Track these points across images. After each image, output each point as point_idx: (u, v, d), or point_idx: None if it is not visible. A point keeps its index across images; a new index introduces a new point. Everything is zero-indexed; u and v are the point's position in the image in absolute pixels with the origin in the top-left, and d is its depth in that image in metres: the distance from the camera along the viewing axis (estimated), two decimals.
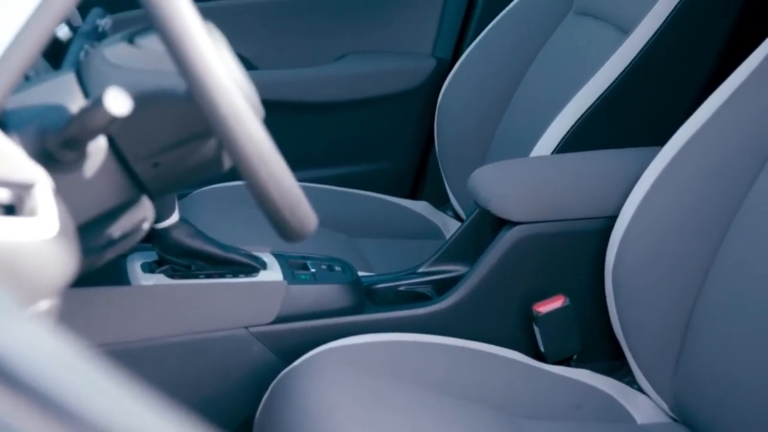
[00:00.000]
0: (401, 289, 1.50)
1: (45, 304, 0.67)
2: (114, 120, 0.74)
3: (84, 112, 0.75)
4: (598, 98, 1.64)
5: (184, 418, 0.41)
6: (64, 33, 1.29)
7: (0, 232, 0.64)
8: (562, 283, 1.43)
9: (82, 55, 1.11)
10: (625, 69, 1.63)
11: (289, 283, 1.34)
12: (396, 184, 2.26)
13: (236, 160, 0.76)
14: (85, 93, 0.85)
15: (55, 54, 1.24)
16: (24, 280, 0.65)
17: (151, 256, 1.31)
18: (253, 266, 1.33)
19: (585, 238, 1.41)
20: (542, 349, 1.41)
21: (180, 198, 1.88)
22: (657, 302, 1.27)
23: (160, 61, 0.83)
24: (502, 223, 1.42)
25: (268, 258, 1.37)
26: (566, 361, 1.43)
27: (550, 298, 1.41)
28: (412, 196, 2.27)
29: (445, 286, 1.46)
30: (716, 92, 1.29)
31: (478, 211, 1.48)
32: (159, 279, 1.28)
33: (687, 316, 1.26)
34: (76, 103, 0.83)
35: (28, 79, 0.91)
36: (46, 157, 0.78)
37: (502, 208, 1.40)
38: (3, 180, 0.67)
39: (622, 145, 1.53)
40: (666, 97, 1.71)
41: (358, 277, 1.43)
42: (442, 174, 2.01)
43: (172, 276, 1.29)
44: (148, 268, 1.30)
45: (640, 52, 1.63)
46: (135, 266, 1.30)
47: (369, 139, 2.25)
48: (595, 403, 1.31)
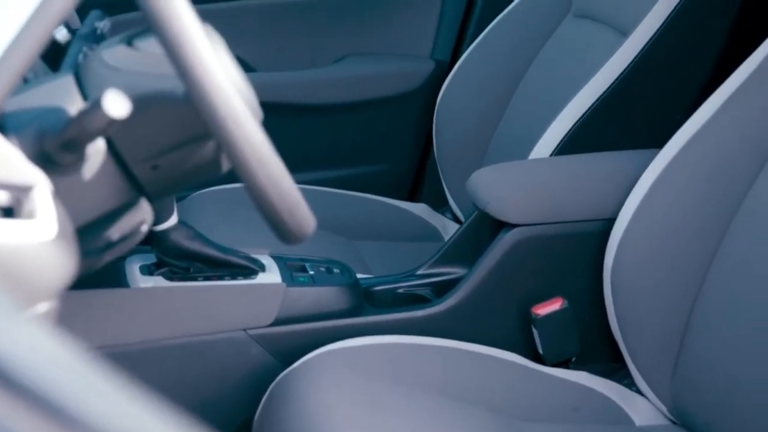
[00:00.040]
0: (400, 291, 1.50)
1: (44, 307, 0.67)
2: (112, 122, 0.74)
3: (82, 114, 0.75)
4: (596, 100, 1.64)
5: (183, 421, 0.41)
6: (62, 35, 1.29)
7: None
8: (561, 286, 1.43)
9: (81, 57, 1.11)
10: (624, 71, 1.63)
11: (288, 286, 1.34)
12: (395, 187, 2.25)
13: (235, 163, 0.76)
14: (84, 95, 0.85)
15: (53, 56, 1.24)
16: (23, 283, 0.65)
17: (150, 259, 1.31)
18: (251, 268, 1.33)
19: (584, 241, 1.41)
20: (541, 352, 1.41)
21: (179, 200, 1.88)
22: (656, 304, 1.27)
23: (159, 64, 0.82)
24: (500, 226, 1.41)
25: (266, 260, 1.37)
26: (565, 364, 1.43)
27: (548, 301, 1.41)
28: (411, 198, 2.27)
29: (443, 289, 1.46)
30: (715, 94, 1.29)
31: (476, 213, 1.48)
32: (158, 281, 1.28)
33: (686, 319, 1.26)
34: (75, 105, 0.83)
35: (26, 82, 0.91)
36: (45, 160, 0.78)
37: (500, 211, 1.40)
38: (1, 182, 0.67)
39: (621, 147, 1.53)
40: (665, 98, 1.71)
41: (357, 280, 1.43)
42: (441, 176, 2.01)
43: (170, 278, 1.29)
44: (147, 271, 1.30)
45: (638, 54, 1.63)
46: (134, 268, 1.30)
47: (367, 141, 2.25)
48: (594, 405, 1.31)
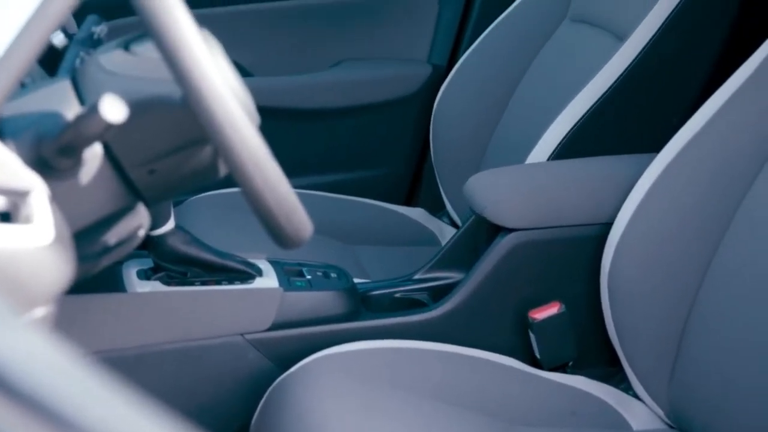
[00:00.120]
0: (397, 295, 1.50)
1: (41, 312, 0.67)
2: (110, 127, 0.73)
3: (79, 119, 0.75)
4: (593, 105, 1.64)
5: (180, 425, 0.41)
6: (59, 40, 1.29)
7: None
8: (558, 290, 1.43)
9: (78, 62, 1.11)
10: (621, 75, 1.63)
11: (285, 290, 1.34)
12: (392, 191, 2.25)
13: (232, 167, 0.76)
14: (81, 100, 0.85)
15: (50, 61, 1.24)
16: (20, 288, 0.65)
17: (147, 263, 1.31)
18: (248, 273, 1.33)
19: (581, 245, 1.41)
20: (538, 356, 1.41)
21: (176, 205, 1.87)
22: (653, 309, 1.27)
23: (156, 68, 0.82)
24: (497, 230, 1.41)
25: (263, 265, 1.37)
26: (562, 368, 1.43)
27: (545, 305, 1.41)
28: (408, 202, 2.27)
29: (440, 293, 1.46)
30: (712, 98, 1.29)
31: (473, 217, 1.48)
32: (155, 286, 1.28)
33: (683, 323, 1.26)
34: (72, 110, 0.83)
35: (23, 87, 0.91)
36: (42, 165, 0.78)
37: (497, 215, 1.40)
38: None
39: (618, 152, 1.53)
40: (662, 103, 1.71)
41: (354, 284, 1.43)
42: (438, 181, 2.01)
43: (167, 283, 1.29)
44: (144, 275, 1.30)
45: (635, 59, 1.63)
46: (131, 273, 1.30)
47: (365, 145, 2.25)
48: (591, 409, 1.31)
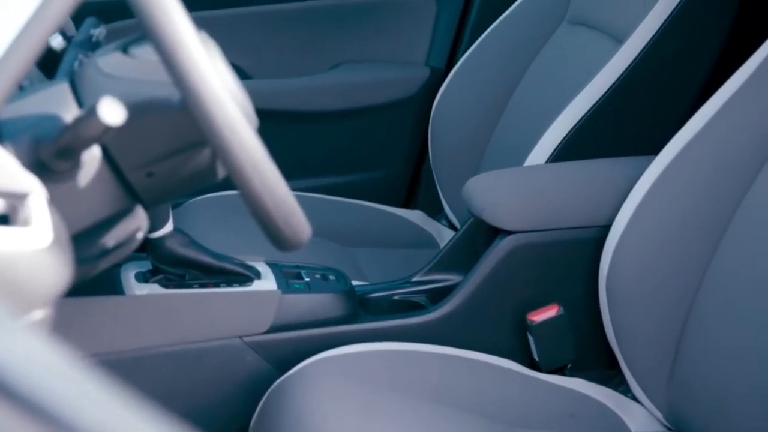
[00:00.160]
0: (395, 298, 1.50)
1: (39, 314, 0.67)
2: (108, 130, 0.73)
3: (78, 121, 0.75)
4: (592, 107, 1.64)
5: (179, 428, 0.41)
6: (57, 42, 1.29)
7: None
8: (556, 292, 1.43)
9: (76, 64, 1.11)
10: (619, 78, 1.64)
11: (283, 293, 1.34)
12: (390, 193, 2.25)
13: (230, 170, 0.76)
14: (79, 103, 0.84)
15: (49, 64, 1.24)
16: (18, 290, 0.65)
17: (146, 266, 1.31)
18: (247, 275, 1.32)
19: (579, 247, 1.41)
20: (536, 358, 1.41)
21: (174, 207, 1.87)
22: (651, 311, 1.27)
23: (154, 71, 0.82)
24: (496, 232, 1.42)
25: (262, 267, 1.37)
26: (560, 370, 1.43)
27: (544, 307, 1.41)
28: (407, 205, 2.26)
29: (439, 295, 1.46)
30: (711, 100, 1.29)
31: (472, 220, 1.48)
32: (153, 288, 1.28)
33: (681, 325, 1.26)
34: (70, 112, 0.83)
35: (22, 89, 0.91)
36: (40, 167, 0.78)
37: (496, 217, 1.40)
38: None
39: (617, 154, 1.53)
40: (660, 105, 1.71)
41: (352, 287, 1.43)
42: (437, 183, 2.01)
43: (166, 285, 1.29)
44: (142, 278, 1.30)
45: (633, 61, 1.63)
46: (129, 276, 1.30)
47: (363, 148, 2.25)
48: (590, 412, 1.31)
